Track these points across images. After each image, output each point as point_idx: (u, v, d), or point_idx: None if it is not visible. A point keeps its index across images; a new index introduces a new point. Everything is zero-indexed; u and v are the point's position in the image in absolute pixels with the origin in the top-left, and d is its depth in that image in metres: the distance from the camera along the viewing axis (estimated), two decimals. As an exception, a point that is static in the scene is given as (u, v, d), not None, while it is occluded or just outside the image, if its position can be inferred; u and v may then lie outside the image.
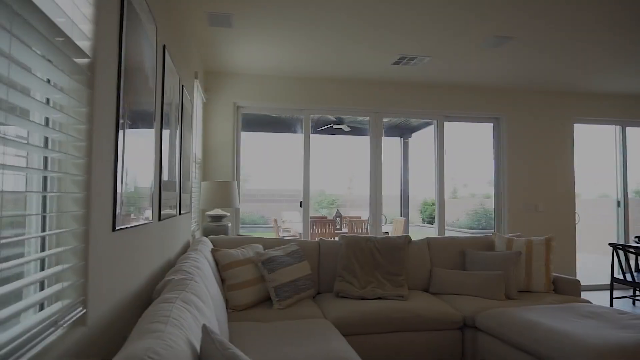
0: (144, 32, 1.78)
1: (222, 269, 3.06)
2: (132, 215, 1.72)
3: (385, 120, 5.51)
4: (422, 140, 8.39)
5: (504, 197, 5.62)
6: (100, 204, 1.29)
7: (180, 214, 2.96)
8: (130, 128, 1.61)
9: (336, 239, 3.95)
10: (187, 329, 1.22)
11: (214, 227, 4.06)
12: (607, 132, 6.26)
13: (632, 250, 4.53)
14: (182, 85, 2.98)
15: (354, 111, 5.36)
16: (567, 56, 4.42)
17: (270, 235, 8.02)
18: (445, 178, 5.52)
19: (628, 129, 6.14)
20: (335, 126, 7.45)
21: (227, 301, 3.03)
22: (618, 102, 6.03)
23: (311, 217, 7.44)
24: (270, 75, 5.04)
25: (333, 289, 3.54)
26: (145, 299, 1.92)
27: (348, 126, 7.51)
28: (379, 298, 3.35)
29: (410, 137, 8.61)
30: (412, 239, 3.91)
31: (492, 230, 5.73)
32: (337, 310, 3.09)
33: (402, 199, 8.79)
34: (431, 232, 5.68)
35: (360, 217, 8.02)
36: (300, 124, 5.21)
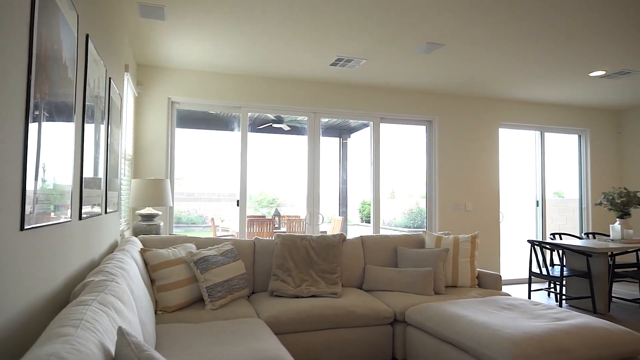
0: (62, 19, 1.68)
1: (151, 270, 2.95)
2: (52, 213, 1.61)
3: (324, 120, 5.56)
4: (361, 140, 8.57)
5: (435, 197, 5.87)
6: (4, 201, 1.20)
7: (106, 212, 2.82)
8: (46, 121, 1.51)
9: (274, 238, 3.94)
10: (102, 333, 1.17)
11: (144, 227, 3.91)
12: (528, 137, 6.73)
13: (548, 246, 4.90)
14: (110, 78, 2.84)
15: (293, 110, 5.37)
16: (493, 64, 4.70)
17: (209, 235, 7.85)
18: (383, 178, 5.68)
19: (546, 134, 6.64)
20: (275, 125, 7.43)
21: (157, 303, 2.93)
22: (538, 109, 6.50)
23: (249, 217, 7.36)
24: (206, 71, 4.93)
25: (268, 288, 3.53)
26: (62, 302, 1.81)
27: (287, 125, 7.51)
28: (313, 296, 3.38)
29: (349, 137, 8.76)
30: (350, 238, 3.99)
31: (425, 229, 5.97)
32: (270, 309, 3.09)
33: (340, 198, 8.93)
34: (369, 230, 5.82)
35: (299, 216, 8.05)
36: (238, 122, 5.14)
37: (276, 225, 7.22)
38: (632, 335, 2.57)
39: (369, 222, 5.90)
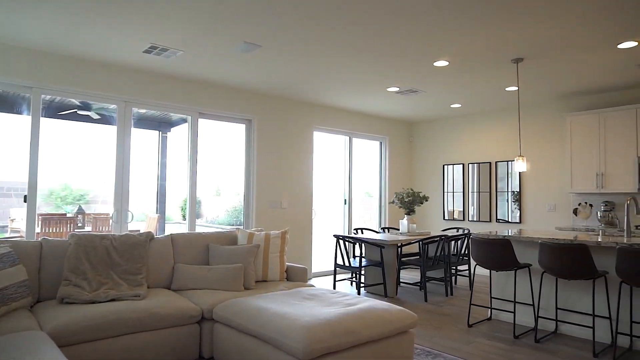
0: None
1: None
2: None
3: (141, 111, 5.18)
4: (183, 135, 8.23)
5: (252, 194, 6.00)
6: None
7: None
8: None
9: (67, 238, 3.49)
10: None
11: None
12: (339, 141, 7.39)
13: (350, 240, 5.45)
14: None
15: (99, 97, 4.86)
16: (307, 70, 5.01)
17: (-12, 236, 6.56)
18: (209, 175, 5.56)
19: (354, 139, 7.40)
20: (81, 112, 6.61)
21: None
22: (347, 116, 7.20)
23: (44, 215, 6.41)
24: (-14, 40, 4.11)
25: (57, 295, 3.12)
26: None
27: (97, 113, 6.76)
28: (113, 300, 3.11)
29: (170, 131, 8.33)
30: (159, 236, 3.78)
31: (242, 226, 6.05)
32: (57, 318, 2.73)
33: (158, 195, 8.44)
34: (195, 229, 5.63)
35: (109, 214, 7.33)
36: (29, 104, 4.41)
37: (79, 225, 6.45)
38: (405, 313, 3.03)
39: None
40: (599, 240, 3.65)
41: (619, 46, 4.14)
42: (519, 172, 6.79)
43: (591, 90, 5.81)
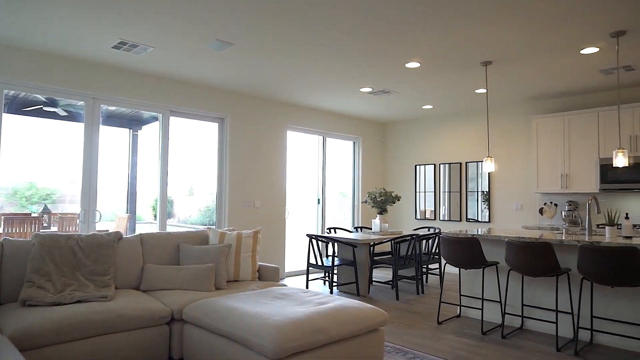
0: None
1: None
2: None
3: (111, 108, 5.06)
4: (155, 133, 8.09)
5: (225, 193, 5.95)
6: None
7: None
8: None
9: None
10: None
11: None
12: (312, 140, 7.41)
13: (323, 239, 5.47)
14: None
15: (66, 93, 4.72)
16: (281, 69, 5.00)
17: (-54, 237, 6.30)
18: (182, 174, 5.48)
19: (328, 139, 7.42)
20: (47, 108, 6.41)
21: None
22: (321, 116, 7.22)
23: (6, 214, 6.20)
24: (-56, 32, 3.95)
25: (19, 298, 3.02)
26: None
27: (64, 110, 6.57)
28: (79, 302, 3.04)
29: (141, 129, 8.17)
30: (127, 236, 3.71)
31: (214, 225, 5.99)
32: (19, 321, 2.64)
33: (129, 194, 8.28)
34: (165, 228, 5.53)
35: (76, 214, 7.14)
36: (-10, 100, 4.26)
37: (45, 225, 6.27)
38: (376, 312, 3.06)
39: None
40: (562, 238, 3.78)
41: (582, 52, 4.29)
42: (488, 173, 6.95)
43: (556, 93, 6.00)
